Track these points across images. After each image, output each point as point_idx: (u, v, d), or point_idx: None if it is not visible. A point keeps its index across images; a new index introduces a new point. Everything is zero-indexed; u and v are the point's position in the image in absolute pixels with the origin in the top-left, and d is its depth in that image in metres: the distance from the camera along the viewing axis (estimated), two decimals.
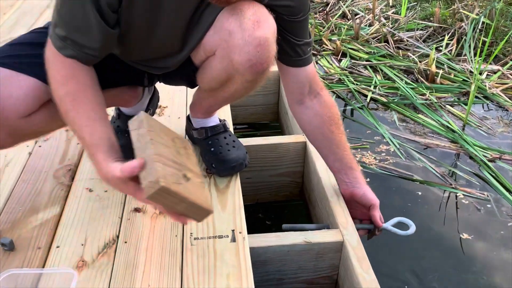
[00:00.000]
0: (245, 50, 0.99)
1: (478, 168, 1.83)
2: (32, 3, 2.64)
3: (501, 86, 2.33)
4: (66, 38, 0.94)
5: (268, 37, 0.99)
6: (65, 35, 0.94)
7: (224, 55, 1.04)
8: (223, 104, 1.31)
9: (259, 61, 1.00)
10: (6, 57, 1.04)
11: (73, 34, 0.94)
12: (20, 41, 1.09)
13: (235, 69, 1.04)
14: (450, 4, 3.00)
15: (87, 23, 0.93)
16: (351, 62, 2.59)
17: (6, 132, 1.02)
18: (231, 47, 1.00)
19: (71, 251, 1.08)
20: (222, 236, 1.11)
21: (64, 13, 0.94)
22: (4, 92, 0.99)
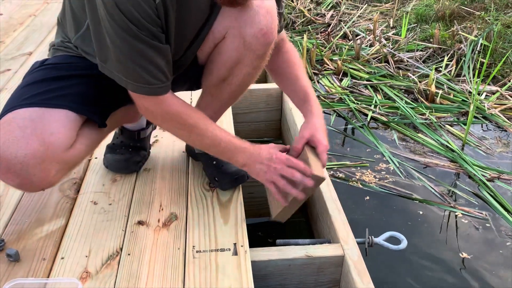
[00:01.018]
0: (256, 20, 1.08)
1: (477, 188, 1.85)
2: (41, 20, 2.70)
3: (500, 106, 2.37)
4: (147, 84, 1.01)
5: (272, 5, 1.10)
6: (153, 81, 1.02)
7: (236, 33, 1.10)
8: (228, 104, 1.30)
9: (269, 30, 1.10)
10: (31, 97, 1.06)
11: (151, 80, 1.01)
12: (33, 81, 1.11)
13: (247, 45, 1.11)
14: (449, 26, 3.06)
15: (151, 60, 1.00)
16: (352, 82, 2.64)
17: (57, 169, 1.06)
18: (242, 22, 1.08)
19: (75, 263, 1.10)
20: (224, 249, 1.12)
21: (133, 67, 1.00)
22: (45, 130, 1.02)
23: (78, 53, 1.16)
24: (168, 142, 1.55)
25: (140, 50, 0.98)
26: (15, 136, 1.00)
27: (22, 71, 2.07)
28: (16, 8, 2.90)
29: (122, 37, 0.96)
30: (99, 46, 1.03)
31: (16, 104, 1.05)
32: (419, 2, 3.47)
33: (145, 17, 0.95)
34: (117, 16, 0.94)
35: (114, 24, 0.95)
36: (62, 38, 1.20)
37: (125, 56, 0.99)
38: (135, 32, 0.96)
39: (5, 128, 1.02)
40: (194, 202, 1.28)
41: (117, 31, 0.96)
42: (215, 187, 1.33)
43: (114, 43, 0.98)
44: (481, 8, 3.17)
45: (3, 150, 1.00)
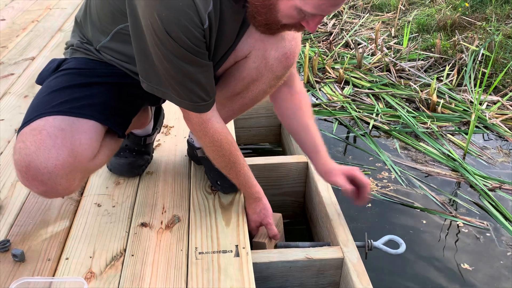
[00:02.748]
0: (281, 45, 1.13)
1: (478, 197, 1.86)
2: (44, 26, 2.74)
3: (501, 116, 2.38)
4: (190, 101, 1.05)
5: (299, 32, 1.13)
6: (197, 100, 1.05)
7: (259, 54, 1.14)
8: (237, 113, 1.34)
9: (292, 54, 1.15)
10: (59, 105, 1.07)
11: (194, 98, 1.05)
12: (59, 87, 1.11)
13: (268, 66, 1.15)
14: (450, 36, 3.09)
15: (196, 80, 1.03)
16: (353, 90, 2.66)
17: (80, 178, 1.09)
18: (268, 44, 1.12)
19: (79, 263, 1.11)
20: (226, 251, 1.14)
21: (178, 86, 1.03)
22: (74, 141, 1.04)
23: (99, 57, 1.17)
24: (170, 146, 1.57)
25: (187, 71, 1.01)
26: (46, 145, 1.01)
27: (25, 76, 2.11)
28: (19, 14, 2.94)
29: (170, 60, 0.98)
30: (143, 65, 1.05)
31: (44, 110, 1.05)
32: (420, 11, 3.50)
33: (194, 42, 0.97)
34: (168, 42, 0.95)
35: (163, 49, 0.97)
36: (81, 39, 1.21)
37: (172, 76, 1.02)
38: (184, 55, 0.98)
39: (35, 136, 1.02)
40: (196, 205, 1.30)
41: (166, 55, 0.98)
42: (217, 190, 1.34)
43: (163, 65, 1.00)
44: (482, 18, 3.20)
45: (33, 158, 1.00)
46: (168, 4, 0.93)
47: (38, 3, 3.14)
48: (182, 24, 0.94)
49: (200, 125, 1.11)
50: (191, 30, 0.95)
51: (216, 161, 1.20)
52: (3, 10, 3.00)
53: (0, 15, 2.92)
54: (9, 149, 1.57)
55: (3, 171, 1.45)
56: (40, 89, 1.15)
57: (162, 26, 0.93)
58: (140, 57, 1.04)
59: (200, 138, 1.16)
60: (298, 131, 1.32)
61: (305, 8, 0.92)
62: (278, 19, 0.98)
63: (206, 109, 1.09)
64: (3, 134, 1.66)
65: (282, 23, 0.99)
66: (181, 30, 0.94)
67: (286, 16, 0.97)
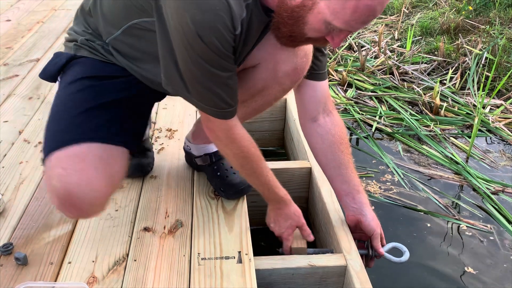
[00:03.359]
0: (293, 61, 1.12)
1: (481, 200, 1.85)
2: (49, 27, 2.74)
3: (504, 120, 2.38)
4: (215, 107, 1.03)
5: (310, 48, 1.13)
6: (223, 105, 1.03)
7: (269, 66, 1.12)
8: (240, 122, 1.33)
9: (301, 70, 1.14)
10: (93, 131, 1.06)
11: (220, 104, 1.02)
12: (85, 107, 1.08)
13: (277, 79, 1.13)
14: (454, 39, 3.08)
15: (224, 85, 1.01)
16: (356, 93, 2.65)
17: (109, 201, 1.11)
18: (279, 58, 1.11)
19: (82, 267, 1.11)
20: (229, 257, 1.13)
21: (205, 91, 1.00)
22: (113, 171, 1.06)
23: (107, 59, 1.15)
24: (174, 149, 1.57)
25: (215, 76, 0.98)
26: (88, 176, 1.01)
27: (30, 78, 2.11)
28: (25, 15, 2.95)
29: (199, 64, 0.96)
30: (167, 68, 1.02)
31: (79, 135, 1.04)
32: (424, 15, 3.49)
33: (225, 46, 0.95)
34: (198, 46, 0.93)
35: (193, 53, 0.94)
36: (85, 29, 1.17)
37: (199, 81, 0.99)
38: (213, 60, 0.96)
39: (77, 165, 1.01)
40: (199, 210, 1.30)
41: (195, 59, 0.95)
42: (221, 196, 1.34)
43: (189, 69, 0.98)
44: (486, 22, 3.19)
45: (76, 189, 0.99)
46: (203, 7, 0.90)
47: (43, 4, 3.15)
48: (215, 28, 0.91)
49: (226, 132, 1.08)
50: (223, 34, 0.93)
51: (244, 168, 1.15)
52: (8, 11, 3.00)
53: (5, 15, 2.93)
54: (12, 151, 1.57)
55: (7, 173, 1.45)
56: (59, 100, 1.10)
57: (194, 29, 0.90)
58: (165, 60, 1.02)
59: (226, 146, 1.11)
60: (340, 170, 1.24)
61: (334, 22, 0.89)
62: (304, 31, 0.95)
63: (231, 115, 1.06)
64: (7, 136, 1.66)
65: (307, 36, 0.96)
66: (215, 34, 0.92)
67: (313, 29, 0.94)
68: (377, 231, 1.22)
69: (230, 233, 1.21)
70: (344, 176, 1.24)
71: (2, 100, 1.91)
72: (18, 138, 1.65)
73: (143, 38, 1.06)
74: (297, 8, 0.91)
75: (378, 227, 1.24)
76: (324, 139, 1.24)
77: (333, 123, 1.24)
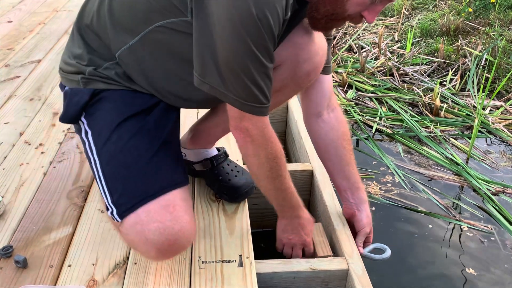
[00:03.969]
0: (314, 60, 1.11)
1: (481, 201, 1.85)
2: (50, 28, 2.74)
3: (504, 121, 2.38)
4: (257, 102, 0.99)
5: (326, 44, 1.13)
6: (263, 100, 1.00)
7: (291, 66, 1.10)
8: None
9: (320, 68, 1.14)
10: (169, 177, 1.05)
11: (261, 99, 0.99)
12: (149, 156, 1.06)
13: (295, 78, 1.12)
14: (454, 40, 3.08)
15: (268, 78, 0.99)
16: (357, 94, 2.65)
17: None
18: (301, 58, 1.10)
19: (82, 271, 1.11)
20: (230, 260, 1.13)
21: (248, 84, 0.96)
22: (191, 207, 1.10)
23: (126, 86, 1.10)
24: None
25: (262, 66, 0.95)
26: (184, 221, 1.01)
27: (31, 79, 2.11)
28: (26, 16, 2.95)
29: (250, 52, 0.92)
30: (204, 64, 0.97)
31: (161, 187, 1.03)
32: (424, 16, 3.49)
33: (277, 29, 0.93)
34: (254, 28, 0.89)
35: (245, 40, 0.90)
36: (93, 57, 1.10)
37: (246, 73, 0.95)
38: (266, 48, 0.93)
39: (172, 215, 1.01)
40: (200, 213, 1.29)
41: (249, 48, 0.91)
42: (225, 200, 1.33)
43: (238, 61, 0.93)
44: (486, 23, 3.19)
45: (179, 237, 1.01)
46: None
47: (45, 5, 3.15)
48: (275, 11, 0.90)
49: (262, 130, 1.02)
50: (279, 18, 0.92)
51: (272, 170, 1.08)
52: (10, 12, 3.00)
53: (7, 17, 2.92)
54: (13, 153, 1.57)
55: (7, 175, 1.45)
56: (114, 152, 1.05)
57: (254, 11, 0.87)
58: (202, 57, 0.96)
59: (260, 147, 1.04)
60: (341, 166, 1.25)
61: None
62: (346, 8, 0.95)
63: (267, 112, 1.02)
64: (7, 137, 1.66)
65: (347, 13, 0.96)
66: (273, 17, 0.90)
67: (356, 3, 0.94)
68: (365, 229, 1.24)
69: (231, 236, 1.21)
70: (346, 172, 1.26)
71: (3, 102, 1.91)
72: (19, 140, 1.64)
73: (167, 41, 1.02)
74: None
75: (368, 226, 1.25)
76: (328, 135, 1.25)
77: (337, 119, 1.25)
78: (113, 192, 1.04)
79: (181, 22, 0.98)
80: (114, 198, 1.03)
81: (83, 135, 1.12)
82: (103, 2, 1.07)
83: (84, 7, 1.13)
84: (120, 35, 1.06)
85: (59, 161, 1.52)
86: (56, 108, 1.86)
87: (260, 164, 1.07)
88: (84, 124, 1.11)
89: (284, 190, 1.13)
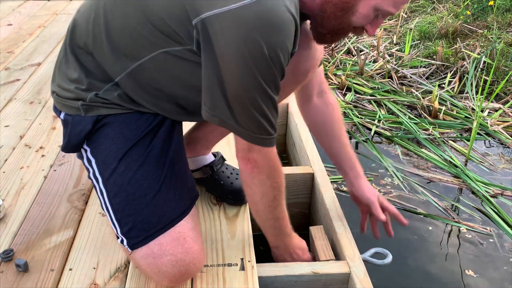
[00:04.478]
0: (315, 56, 1.14)
1: (480, 203, 1.86)
2: (50, 31, 2.74)
3: (502, 123, 2.39)
4: (265, 134, 1.00)
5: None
6: (271, 132, 1.00)
7: (291, 65, 1.06)
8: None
9: (317, 63, 1.18)
10: (176, 207, 1.06)
11: (270, 130, 1.00)
12: (157, 187, 1.05)
13: (294, 77, 1.14)
14: (452, 43, 3.10)
15: (275, 108, 0.99)
16: (355, 97, 2.66)
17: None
18: (303, 56, 1.11)
19: (83, 274, 1.11)
20: (231, 264, 1.13)
21: (256, 117, 0.96)
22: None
23: (130, 108, 1.07)
24: None
25: (271, 97, 0.96)
26: (194, 251, 1.04)
27: (31, 82, 2.11)
28: (26, 19, 2.95)
29: (260, 88, 0.93)
30: (213, 98, 0.96)
31: (173, 216, 1.05)
32: (422, 19, 3.51)
33: (286, 64, 0.94)
34: (266, 67, 0.90)
35: (258, 76, 0.91)
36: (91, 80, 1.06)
37: (256, 107, 0.95)
38: (274, 82, 0.94)
39: (184, 246, 1.03)
40: (201, 216, 1.29)
41: (259, 83, 0.92)
42: (230, 204, 1.33)
43: (246, 96, 0.93)
44: (484, 26, 3.20)
45: (191, 268, 1.03)
46: (279, 28, 0.88)
47: (45, 8, 3.15)
48: (285, 49, 0.91)
49: (269, 161, 1.03)
50: (289, 54, 0.94)
51: (275, 199, 1.08)
52: (10, 15, 3.00)
53: (7, 20, 2.93)
54: (14, 156, 1.57)
55: (8, 178, 1.45)
56: (122, 183, 1.04)
57: (266, 51, 0.88)
58: (211, 91, 0.95)
59: (267, 176, 1.04)
60: (332, 147, 1.30)
61: (384, 6, 0.93)
62: (351, 21, 0.96)
63: (274, 143, 1.03)
64: (8, 140, 1.65)
65: (353, 26, 0.98)
66: (283, 54, 0.91)
67: (361, 17, 0.95)
68: (371, 199, 1.27)
69: (232, 239, 1.21)
70: (338, 152, 1.31)
71: (3, 105, 1.91)
72: (19, 143, 1.64)
73: (170, 68, 1.00)
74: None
75: (374, 196, 1.29)
76: (317, 118, 1.31)
77: (325, 103, 1.31)
78: (123, 225, 1.04)
79: (186, 50, 0.97)
80: (124, 230, 1.04)
81: (85, 163, 1.10)
82: (97, 22, 1.02)
83: (74, 26, 1.08)
84: (121, 60, 1.02)
85: (60, 164, 1.52)
86: None
87: (264, 193, 1.07)
88: (87, 152, 1.09)
89: (282, 219, 1.14)
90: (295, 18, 0.91)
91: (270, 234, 1.17)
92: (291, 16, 0.90)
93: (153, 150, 1.07)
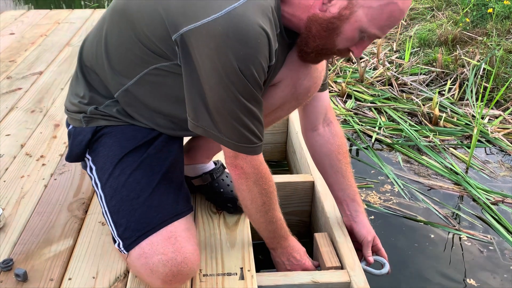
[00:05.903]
0: (314, 75, 1.13)
1: (480, 211, 1.86)
2: (52, 40, 2.76)
3: (503, 130, 2.39)
4: (249, 143, 1.01)
5: (324, 61, 1.14)
6: (255, 141, 1.02)
7: (291, 83, 1.12)
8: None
9: (319, 83, 1.17)
10: (170, 208, 1.07)
11: (253, 139, 1.01)
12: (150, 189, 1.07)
13: (295, 95, 1.14)
14: (452, 50, 3.11)
15: (256, 118, 1.01)
16: (356, 104, 2.67)
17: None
18: (302, 74, 1.12)
19: (82, 284, 1.11)
20: (231, 273, 1.13)
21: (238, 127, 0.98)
22: (195, 234, 1.12)
23: (127, 122, 1.12)
24: None
25: (250, 111, 0.98)
26: (187, 251, 1.03)
27: (32, 91, 2.12)
28: (28, 28, 2.97)
29: (237, 101, 0.95)
30: (196, 109, 0.99)
31: (165, 217, 1.05)
32: (422, 26, 3.52)
33: (262, 78, 0.96)
34: (238, 81, 0.92)
35: (232, 90, 0.93)
36: (94, 95, 1.13)
37: (235, 118, 0.97)
38: (251, 94, 0.95)
39: (175, 245, 1.03)
40: (201, 225, 1.29)
41: (235, 96, 0.94)
42: (230, 212, 1.33)
43: (226, 107, 0.96)
44: (483, 33, 3.21)
45: (183, 267, 1.02)
46: (245, 40, 0.89)
47: (47, 18, 3.17)
48: (257, 63, 0.92)
49: (256, 168, 1.05)
50: (263, 67, 0.94)
51: (265, 205, 1.10)
52: (12, 24, 3.02)
53: (9, 29, 2.95)
54: (14, 165, 1.57)
55: (8, 187, 1.45)
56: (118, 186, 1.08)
57: (237, 65, 0.90)
58: (194, 103, 0.99)
59: (254, 183, 1.06)
60: (335, 178, 1.28)
61: (369, 29, 0.93)
62: (336, 42, 0.97)
63: (260, 150, 1.05)
64: (9, 149, 1.66)
65: (337, 48, 0.98)
66: (255, 67, 0.92)
67: (346, 39, 0.96)
68: (366, 238, 1.25)
69: (232, 248, 1.21)
70: (341, 184, 1.28)
71: (4, 114, 1.92)
72: (20, 152, 1.65)
73: (162, 82, 1.04)
74: (333, 19, 0.93)
75: (370, 235, 1.26)
76: (322, 148, 1.28)
77: (332, 133, 1.28)
78: (118, 226, 1.06)
79: (173, 65, 1.01)
80: (120, 232, 1.06)
81: (88, 171, 1.16)
82: (100, 42, 1.09)
83: (82, 47, 1.16)
84: (118, 77, 1.08)
85: (60, 173, 1.53)
86: (57, 120, 1.87)
87: (253, 199, 1.09)
88: (89, 161, 1.15)
89: (275, 222, 1.15)
90: (266, 31, 0.92)
91: (265, 236, 1.19)
92: (260, 28, 0.90)
93: (148, 158, 1.10)
